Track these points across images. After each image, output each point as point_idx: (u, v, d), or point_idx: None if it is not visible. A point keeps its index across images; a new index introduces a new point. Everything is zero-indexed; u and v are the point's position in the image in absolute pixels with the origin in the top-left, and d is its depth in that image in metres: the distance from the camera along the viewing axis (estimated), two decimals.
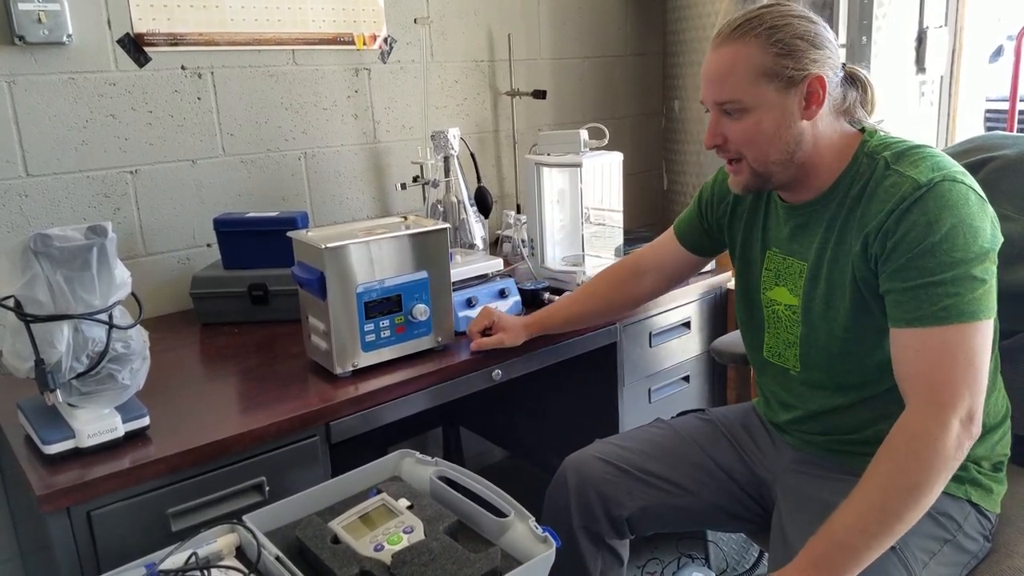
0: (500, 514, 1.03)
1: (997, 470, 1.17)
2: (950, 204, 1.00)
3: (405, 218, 1.48)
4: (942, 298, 1.00)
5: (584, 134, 1.75)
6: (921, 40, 2.12)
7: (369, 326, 1.34)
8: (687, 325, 1.88)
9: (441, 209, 1.79)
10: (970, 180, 1.05)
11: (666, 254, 1.45)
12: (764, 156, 1.10)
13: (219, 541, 0.99)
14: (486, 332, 1.46)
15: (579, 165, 1.73)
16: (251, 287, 1.63)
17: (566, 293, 1.63)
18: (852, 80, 1.14)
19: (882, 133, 1.14)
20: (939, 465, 0.97)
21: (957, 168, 1.05)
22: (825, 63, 1.08)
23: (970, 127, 2.34)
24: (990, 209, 1.05)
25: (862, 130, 1.15)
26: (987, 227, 1.02)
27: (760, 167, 1.12)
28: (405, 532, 1.01)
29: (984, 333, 1.01)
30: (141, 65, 1.66)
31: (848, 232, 1.10)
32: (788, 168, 1.11)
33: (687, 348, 1.90)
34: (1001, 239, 1.05)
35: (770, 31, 1.06)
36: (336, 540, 1.01)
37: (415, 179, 1.80)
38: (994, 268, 1.03)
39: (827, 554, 0.97)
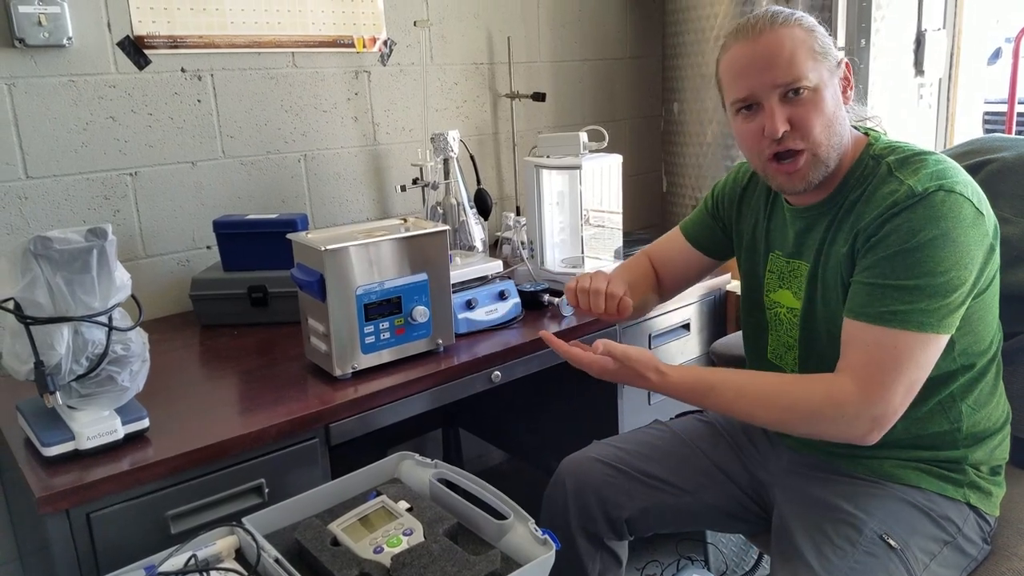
0: (500, 516, 1.03)
1: (995, 474, 1.17)
2: (938, 216, 0.99)
3: (405, 220, 1.48)
4: (895, 302, 1.00)
5: (583, 136, 1.75)
6: (919, 42, 2.13)
7: (369, 328, 1.35)
8: (687, 327, 1.88)
9: (441, 211, 1.79)
10: (971, 191, 1.02)
11: (675, 254, 1.42)
12: (827, 138, 1.07)
13: (218, 543, 0.99)
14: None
15: (578, 167, 1.73)
16: (251, 289, 1.63)
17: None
18: None
19: (885, 137, 1.14)
20: (822, 431, 1.05)
21: (960, 178, 1.03)
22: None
23: (968, 129, 2.34)
24: (988, 225, 1.03)
25: (866, 133, 1.15)
26: (972, 245, 1.00)
27: (823, 151, 1.07)
28: (405, 534, 1.01)
29: (930, 347, 1.00)
30: (141, 67, 1.66)
31: (841, 233, 1.10)
32: (838, 155, 1.09)
33: (687, 350, 1.90)
34: (997, 264, 1.05)
35: (802, 18, 1.08)
36: (335, 542, 1.01)
37: (415, 181, 1.80)
38: (966, 289, 1.01)
39: (689, 378, 1.11)
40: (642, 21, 2.58)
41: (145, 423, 1.15)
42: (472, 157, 2.01)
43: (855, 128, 1.15)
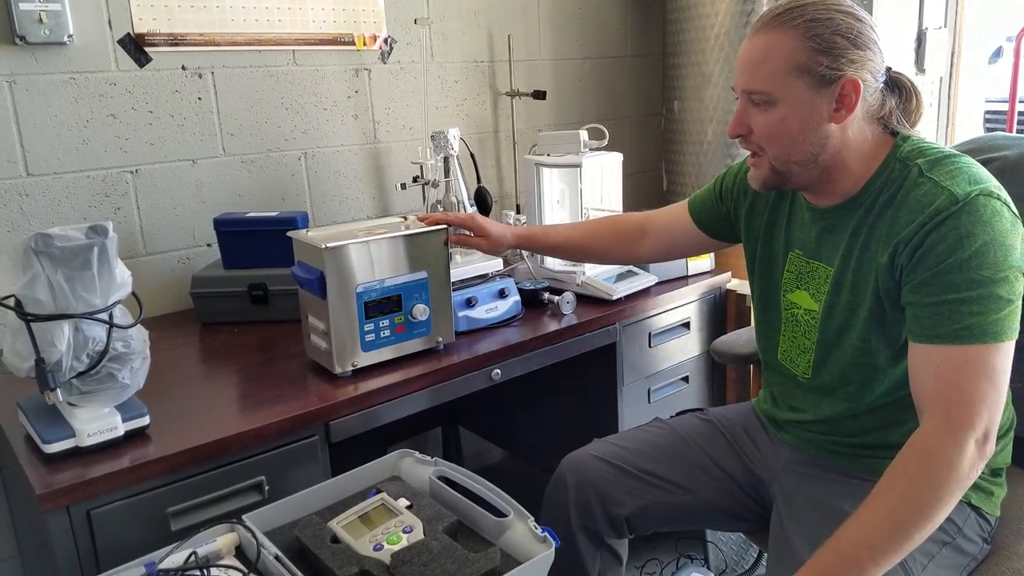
0: (499, 514, 1.03)
1: (996, 475, 1.16)
2: (984, 220, 0.97)
3: (405, 218, 1.48)
4: (965, 316, 0.97)
5: (584, 135, 1.75)
6: (920, 41, 2.13)
7: (369, 326, 1.35)
8: (686, 325, 1.88)
9: (441, 209, 1.79)
10: (1005, 195, 1.01)
11: (674, 224, 1.42)
12: (785, 154, 1.07)
13: (219, 540, 1.00)
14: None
15: (579, 165, 1.73)
16: (251, 287, 1.64)
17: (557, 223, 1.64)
18: (895, 86, 1.09)
19: (915, 138, 1.09)
20: (953, 486, 0.94)
21: (993, 182, 1.01)
22: (864, 65, 1.03)
23: (969, 128, 2.34)
24: (1021, 227, 1.02)
25: (894, 133, 1.10)
26: (1018, 245, 0.99)
27: (780, 165, 1.08)
28: (404, 532, 1.01)
29: (1006, 354, 0.98)
30: (142, 65, 1.66)
31: (874, 239, 1.07)
32: (809, 170, 1.08)
33: (687, 348, 1.90)
34: None
35: (811, 23, 1.01)
36: (335, 540, 1.01)
37: (415, 179, 1.80)
38: (1020, 288, 0.99)
39: (834, 567, 0.95)
40: (643, 19, 2.58)
41: (145, 420, 1.15)
42: (472, 155, 2.01)
43: (885, 127, 1.10)
